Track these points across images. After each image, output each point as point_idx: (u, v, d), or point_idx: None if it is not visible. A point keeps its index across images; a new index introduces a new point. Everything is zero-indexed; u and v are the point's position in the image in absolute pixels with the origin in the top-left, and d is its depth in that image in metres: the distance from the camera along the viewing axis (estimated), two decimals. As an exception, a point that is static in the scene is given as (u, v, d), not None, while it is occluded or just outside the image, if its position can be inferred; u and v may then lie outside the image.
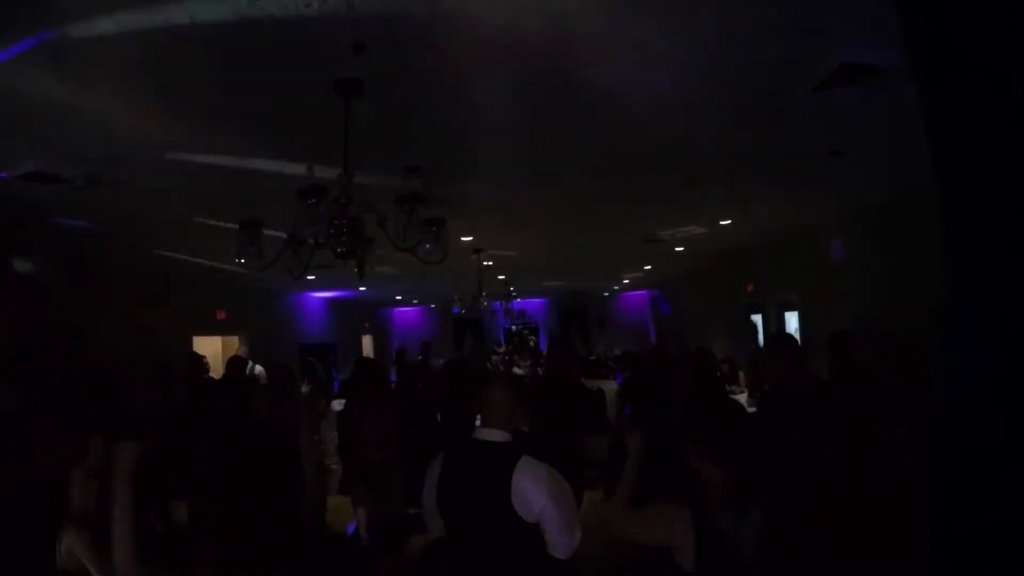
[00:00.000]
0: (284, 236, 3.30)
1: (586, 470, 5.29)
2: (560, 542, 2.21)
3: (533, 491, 2.18)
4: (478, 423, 2.50)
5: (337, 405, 7.42)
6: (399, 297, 17.32)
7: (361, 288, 13.21)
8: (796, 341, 4.48)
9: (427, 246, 3.41)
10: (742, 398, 7.66)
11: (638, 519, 2.05)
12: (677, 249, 9.29)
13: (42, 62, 2.76)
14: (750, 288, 10.09)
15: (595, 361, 13.18)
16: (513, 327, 19.69)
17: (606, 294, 19.20)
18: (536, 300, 19.84)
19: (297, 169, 3.40)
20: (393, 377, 8.12)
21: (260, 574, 2.27)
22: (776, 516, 1.79)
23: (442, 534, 2.41)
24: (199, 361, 8.47)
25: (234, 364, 6.64)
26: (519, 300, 14.23)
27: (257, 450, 3.12)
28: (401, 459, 4.46)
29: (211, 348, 10.37)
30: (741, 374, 8.37)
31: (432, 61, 2.93)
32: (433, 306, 20.05)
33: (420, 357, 10.44)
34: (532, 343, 17.40)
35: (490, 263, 9.45)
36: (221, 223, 5.76)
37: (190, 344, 9.67)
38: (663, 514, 1.95)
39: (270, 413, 3.60)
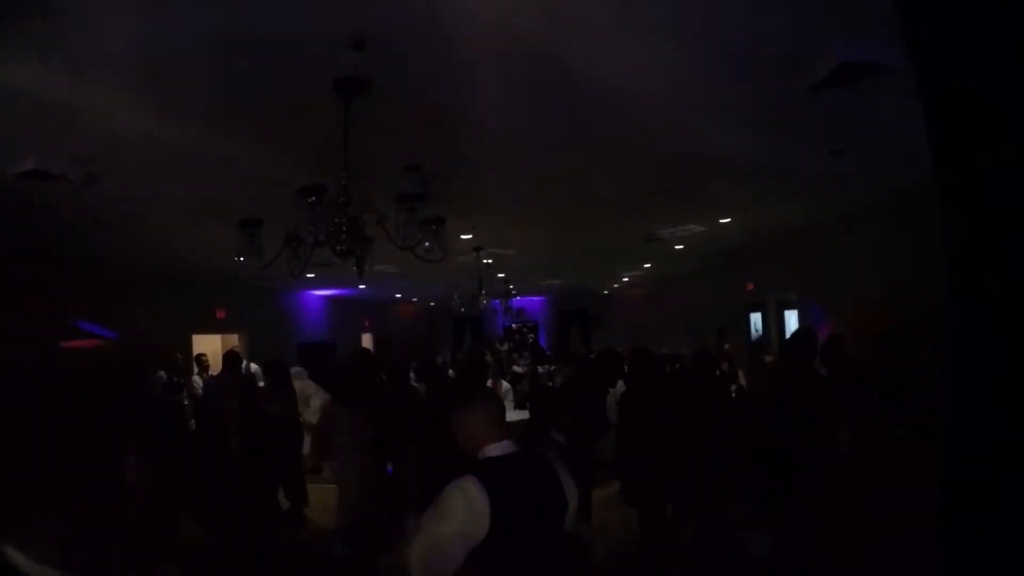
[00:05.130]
0: (284, 235, 3.31)
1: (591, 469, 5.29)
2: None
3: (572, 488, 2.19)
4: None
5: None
6: (399, 295, 17.32)
7: (361, 286, 13.21)
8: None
9: (427, 245, 3.42)
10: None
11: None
12: (677, 248, 9.29)
13: (42, 62, 2.76)
14: (750, 288, 10.10)
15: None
16: (513, 325, 19.68)
17: (606, 292, 19.20)
18: (535, 298, 19.83)
19: (297, 168, 3.39)
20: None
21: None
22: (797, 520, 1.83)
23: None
24: (199, 359, 8.52)
25: (230, 359, 6.62)
26: (518, 298, 14.22)
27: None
28: (379, 461, 4.35)
29: (211, 347, 10.37)
30: (741, 373, 8.38)
31: (432, 60, 2.93)
32: (433, 304, 20.04)
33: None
34: (531, 341, 17.40)
35: (490, 261, 9.45)
36: (221, 222, 5.76)
37: (190, 343, 9.68)
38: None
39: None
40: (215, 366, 8.47)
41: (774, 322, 9.22)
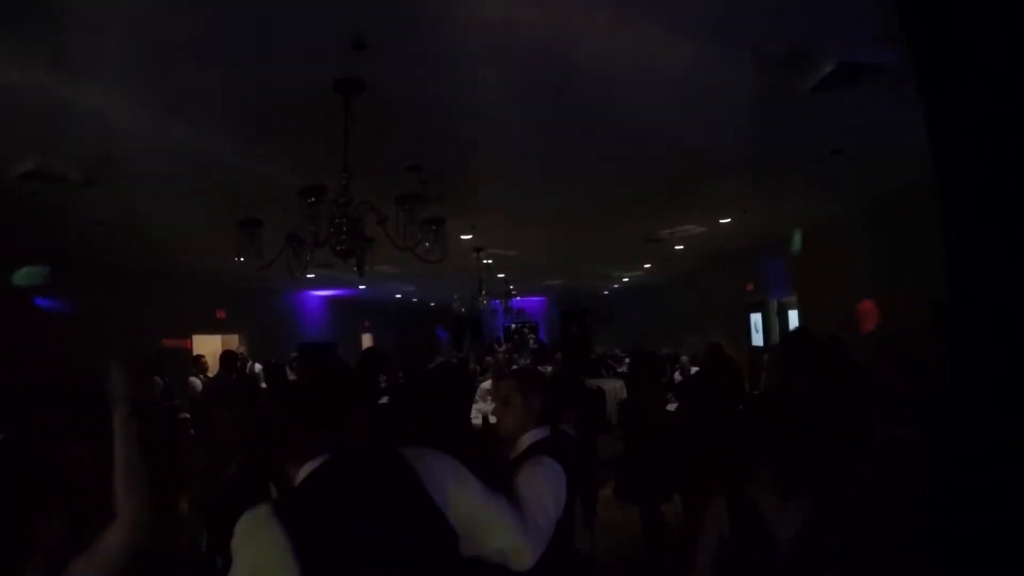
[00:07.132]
0: (284, 235, 3.30)
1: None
2: None
3: None
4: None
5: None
6: (399, 296, 17.32)
7: (361, 287, 13.21)
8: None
9: (427, 245, 3.42)
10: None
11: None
12: (677, 248, 9.29)
13: (42, 62, 2.76)
14: (750, 288, 10.09)
15: (595, 360, 13.14)
16: (513, 325, 19.70)
17: (606, 292, 19.20)
18: (536, 298, 19.84)
19: (297, 168, 3.38)
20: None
21: None
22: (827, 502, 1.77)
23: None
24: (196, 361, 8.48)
25: (228, 359, 6.56)
26: (519, 298, 14.21)
27: None
28: None
29: (211, 347, 10.38)
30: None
31: (432, 60, 2.93)
32: (433, 305, 20.04)
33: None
34: (533, 342, 17.40)
35: (490, 262, 9.45)
36: (221, 222, 5.76)
37: (190, 343, 9.68)
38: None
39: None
40: (214, 368, 8.47)
41: (775, 323, 9.21)
